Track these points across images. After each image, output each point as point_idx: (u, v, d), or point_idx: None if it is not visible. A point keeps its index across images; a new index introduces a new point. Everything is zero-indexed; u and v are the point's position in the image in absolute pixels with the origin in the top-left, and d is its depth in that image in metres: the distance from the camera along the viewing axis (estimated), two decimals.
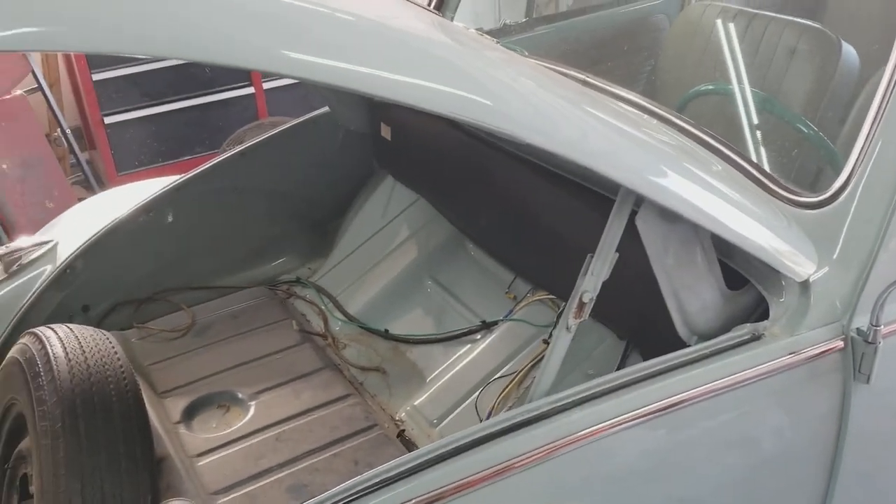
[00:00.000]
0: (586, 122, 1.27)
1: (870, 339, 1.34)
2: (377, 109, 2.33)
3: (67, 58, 4.60)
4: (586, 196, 1.67)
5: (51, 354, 1.61)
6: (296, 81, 4.43)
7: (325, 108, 2.40)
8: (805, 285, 1.37)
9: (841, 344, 1.37)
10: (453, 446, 1.14)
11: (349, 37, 1.05)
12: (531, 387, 1.36)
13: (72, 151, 4.51)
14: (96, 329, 1.77)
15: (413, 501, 1.09)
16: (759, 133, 1.80)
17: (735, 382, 1.29)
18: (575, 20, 2.73)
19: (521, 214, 1.90)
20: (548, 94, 1.31)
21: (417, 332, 2.19)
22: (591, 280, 1.31)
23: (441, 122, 2.04)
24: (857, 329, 1.36)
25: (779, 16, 2.10)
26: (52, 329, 1.70)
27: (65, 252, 2.12)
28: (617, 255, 1.32)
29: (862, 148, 1.41)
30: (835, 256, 1.39)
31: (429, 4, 2.40)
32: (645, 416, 1.22)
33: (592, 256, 1.33)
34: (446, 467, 1.12)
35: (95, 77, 4.35)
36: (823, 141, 1.74)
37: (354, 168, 2.53)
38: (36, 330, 1.71)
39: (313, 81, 1.02)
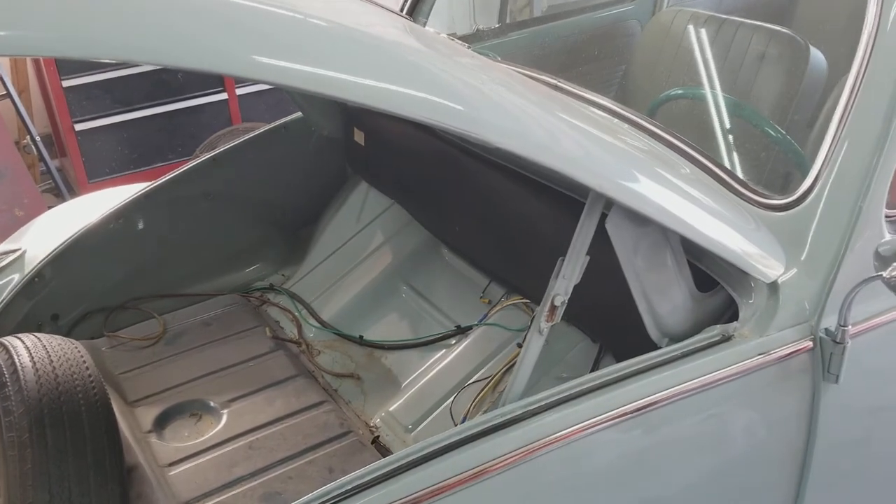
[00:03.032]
0: (557, 127, 1.27)
1: (838, 340, 1.36)
2: (350, 114, 2.32)
3: (37, 64, 4.53)
4: (558, 200, 1.67)
5: (17, 364, 1.58)
6: (269, 87, 4.42)
7: (298, 114, 2.39)
8: (774, 287, 1.38)
9: (810, 344, 1.38)
10: (427, 451, 1.14)
11: (320, 42, 1.05)
12: (505, 391, 1.36)
13: (42, 159, 4.43)
14: (65, 338, 1.74)
15: None
16: (728, 137, 1.82)
17: (706, 383, 1.29)
18: (547, 26, 2.74)
19: (495, 219, 1.91)
20: (519, 98, 1.31)
21: (392, 337, 2.19)
22: (563, 283, 1.32)
23: (414, 128, 2.04)
24: (826, 329, 1.38)
25: (748, 21, 2.13)
26: (19, 338, 1.68)
27: (33, 260, 2.08)
28: (588, 258, 1.32)
29: (828, 151, 1.43)
30: (802, 258, 1.40)
31: (401, 10, 2.41)
32: (617, 417, 1.23)
33: (563, 260, 1.33)
34: (421, 472, 1.11)
35: (66, 83, 4.28)
36: (791, 144, 1.76)
37: (328, 174, 2.52)
38: (2, 339, 1.68)
39: (285, 86, 1.02)
